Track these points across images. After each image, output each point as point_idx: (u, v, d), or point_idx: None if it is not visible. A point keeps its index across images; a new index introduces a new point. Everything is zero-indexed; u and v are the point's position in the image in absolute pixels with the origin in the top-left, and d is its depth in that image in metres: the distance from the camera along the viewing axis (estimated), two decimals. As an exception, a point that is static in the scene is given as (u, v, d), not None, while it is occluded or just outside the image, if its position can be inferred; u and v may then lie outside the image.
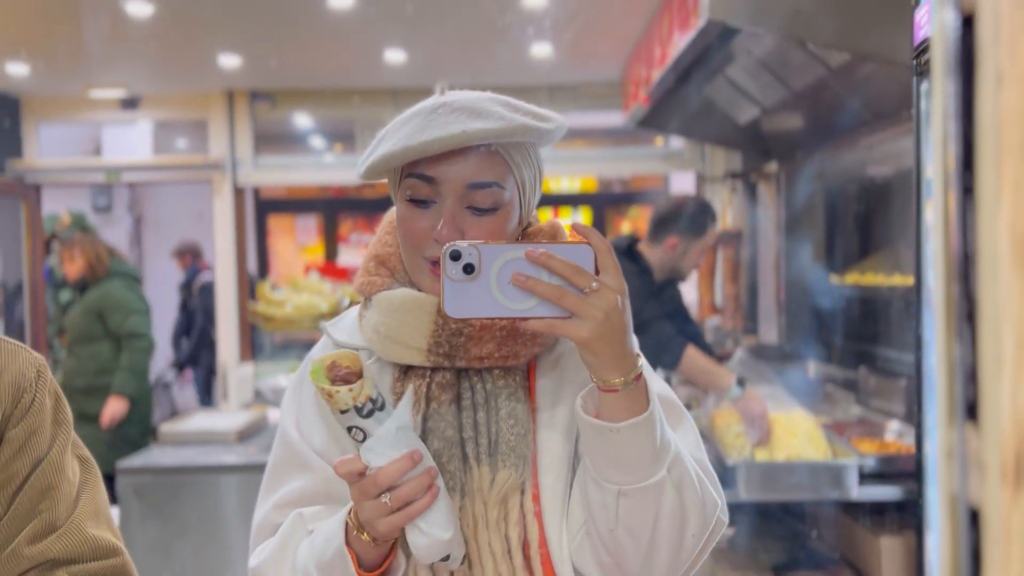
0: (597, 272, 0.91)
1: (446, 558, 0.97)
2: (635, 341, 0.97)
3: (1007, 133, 0.44)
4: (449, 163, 1.01)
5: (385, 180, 1.11)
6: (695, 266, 3.10)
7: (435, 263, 1.02)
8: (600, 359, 0.91)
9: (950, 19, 0.46)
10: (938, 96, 0.47)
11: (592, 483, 0.98)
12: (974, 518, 0.48)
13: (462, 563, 1.00)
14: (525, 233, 1.11)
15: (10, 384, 1.00)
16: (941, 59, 0.47)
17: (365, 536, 0.97)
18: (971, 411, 0.48)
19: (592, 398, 0.97)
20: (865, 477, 2.40)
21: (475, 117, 1.00)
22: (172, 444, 3.14)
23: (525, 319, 0.91)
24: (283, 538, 1.08)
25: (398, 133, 1.02)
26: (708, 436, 2.60)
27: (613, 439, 0.93)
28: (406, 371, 1.07)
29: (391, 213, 1.16)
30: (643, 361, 0.96)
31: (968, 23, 0.46)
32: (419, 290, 1.08)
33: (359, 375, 0.95)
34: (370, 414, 0.95)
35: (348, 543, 0.99)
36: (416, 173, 1.02)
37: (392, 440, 0.94)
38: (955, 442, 0.48)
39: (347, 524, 0.99)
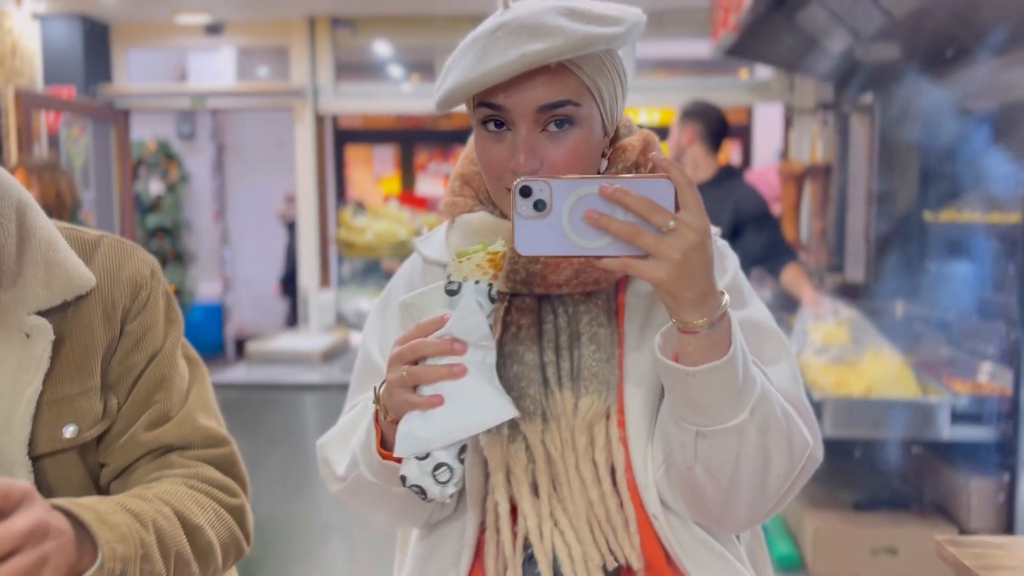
0: (677, 208, 0.85)
1: (424, 457, 0.92)
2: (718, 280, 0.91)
3: None
4: (515, 88, 0.96)
5: (463, 107, 1.07)
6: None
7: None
8: (678, 301, 0.86)
9: None
10: None
11: (671, 421, 0.96)
12: None
13: (445, 490, 0.94)
14: (613, 148, 1.06)
15: (128, 281, 1.04)
16: None
17: (381, 408, 0.97)
18: None
19: (671, 337, 0.93)
20: (956, 417, 2.33)
21: (534, 37, 0.93)
22: (259, 363, 3.24)
23: (599, 257, 0.87)
24: (348, 421, 1.11)
25: (461, 62, 0.98)
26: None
27: (690, 382, 0.90)
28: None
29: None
30: (728, 298, 0.90)
31: None
32: (502, 213, 1.06)
33: (475, 262, 0.93)
34: (450, 294, 0.94)
35: (375, 419, 1.00)
36: (485, 102, 0.98)
37: (455, 318, 0.92)
38: None
39: (374, 399, 1.00)
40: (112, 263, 1.04)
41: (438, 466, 0.93)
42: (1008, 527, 2.07)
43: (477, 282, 0.93)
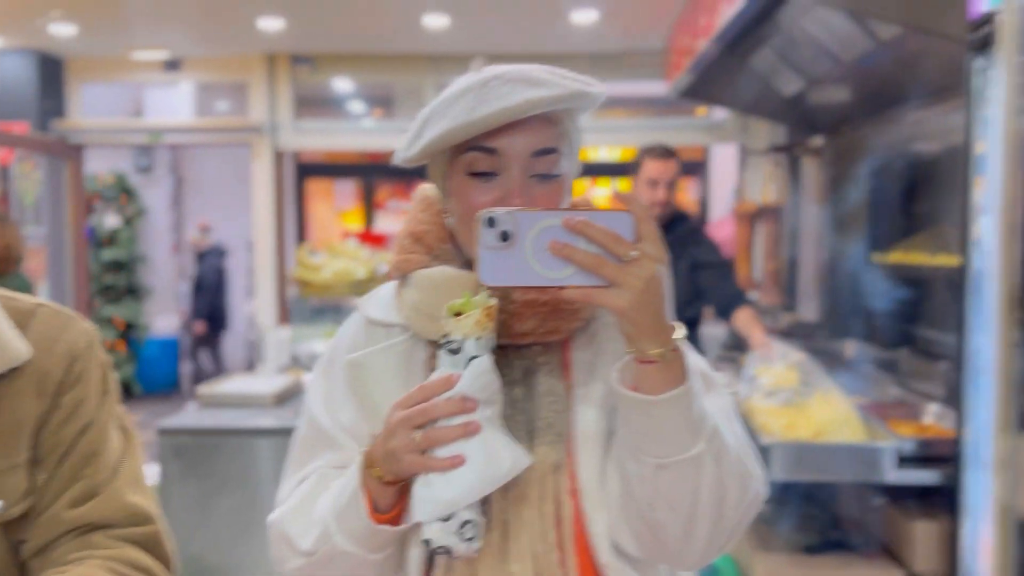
0: (637, 240, 0.89)
1: (447, 519, 0.94)
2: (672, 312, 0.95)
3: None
4: (511, 133, 1.00)
5: (424, 163, 1.09)
6: (653, 201, 3.29)
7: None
8: (638, 329, 0.89)
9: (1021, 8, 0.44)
10: (1001, 89, 0.45)
11: (630, 457, 0.96)
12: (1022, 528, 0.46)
13: (472, 546, 0.95)
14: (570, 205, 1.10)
15: (64, 353, 1.02)
16: (1009, 50, 0.45)
17: (376, 471, 0.97)
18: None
19: (628, 370, 0.95)
20: (902, 460, 2.37)
21: (532, 86, 0.99)
22: (211, 406, 3.19)
23: (562, 288, 0.89)
24: (305, 493, 1.08)
25: (452, 110, 1.01)
26: (744, 418, 2.58)
27: (651, 412, 0.92)
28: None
29: (424, 190, 1.15)
30: (681, 332, 0.93)
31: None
32: (466, 264, 1.08)
33: (474, 318, 0.95)
34: (452, 352, 0.95)
35: (364, 484, 0.99)
36: (477, 146, 1.01)
37: (468, 377, 0.93)
38: (1009, 452, 0.46)
39: (362, 463, 0.99)
40: (48, 334, 1.02)
41: (464, 523, 0.94)
42: (952, 570, 2.09)
43: (479, 339, 0.95)
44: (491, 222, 0.88)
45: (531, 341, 1.04)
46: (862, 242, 3.98)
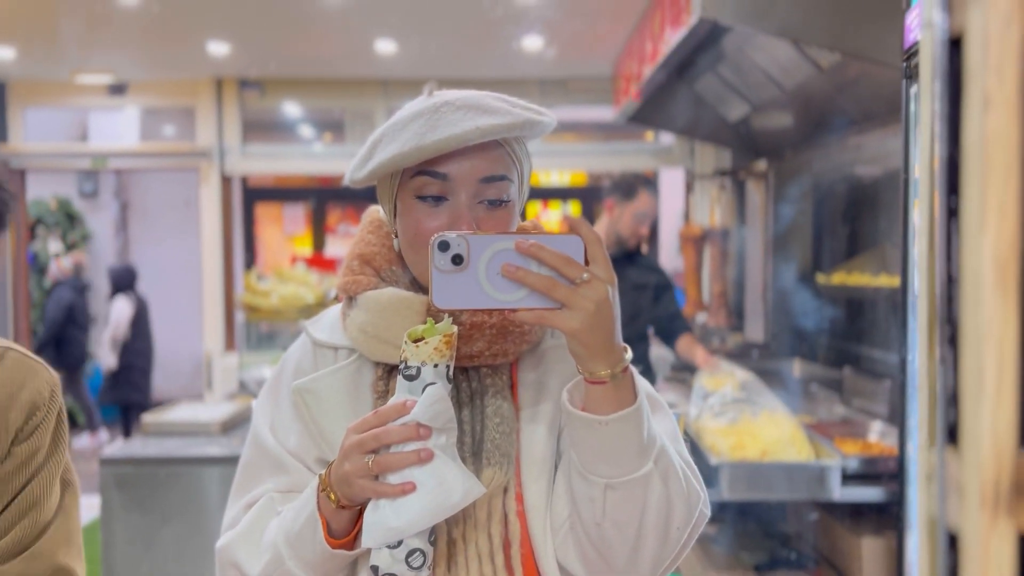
0: (587, 263, 0.90)
1: (396, 546, 0.93)
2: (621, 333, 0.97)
3: (993, 157, 0.43)
4: (461, 159, 1.01)
5: (372, 184, 1.09)
6: (635, 234, 3.30)
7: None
8: (589, 350, 0.90)
9: (939, 40, 0.46)
10: (925, 118, 0.47)
11: (578, 477, 0.97)
12: (953, 541, 0.47)
13: (424, 572, 0.96)
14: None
15: (27, 402, 1.02)
16: (928, 80, 0.46)
17: (332, 497, 0.96)
18: (952, 435, 0.47)
19: (579, 391, 0.96)
20: (847, 478, 2.40)
21: (482, 113, 1.00)
22: (155, 435, 3.12)
23: (514, 310, 0.90)
24: (253, 518, 1.07)
25: (403, 134, 1.01)
26: (692, 439, 2.60)
27: (601, 432, 0.93)
28: (390, 370, 1.06)
29: (372, 212, 1.15)
30: (629, 354, 0.95)
31: (956, 44, 0.46)
32: (414, 286, 1.08)
33: (432, 345, 0.95)
34: (408, 379, 0.95)
35: (319, 507, 0.98)
36: (427, 171, 1.02)
37: (423, 404, 0.93)
38: (935, 465, 0.47)
39: (318, 487, 0.98)
40: (14, 380, 1.02)
41: (411, 552, 0.93)
42: (898, 586, 2.12)
43: (436, 365, 0.94)
44: (444, 245, 0.89)
45: (479, 363, 1.05)
46: (806, 263, 4.06)
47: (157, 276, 8.75)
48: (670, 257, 6.66)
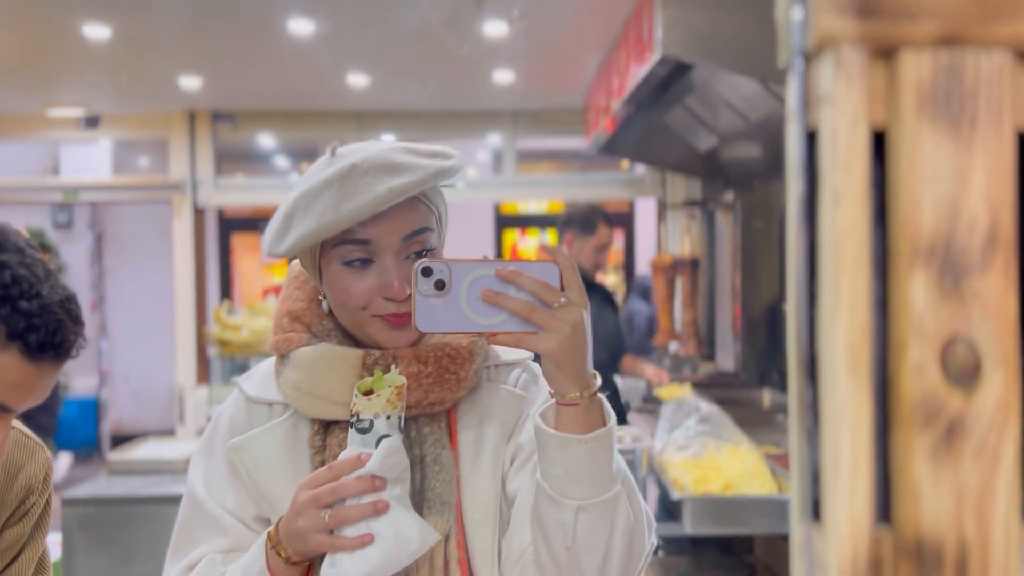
0: (562, 289, 0.94)
1: None
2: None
3: (843, 250, 0.45)
4: (380, 222, 1.03)
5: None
6: (596, 265, 3.35)
7: (390, 316, 1.04)
8: (564, 372, 0.93)
9: (797, 134, 0.48)
10: (792, 208, 0.49)
11: (548, 502, 0.97)
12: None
13: None
14: None
15: (23, 485, 1.02)
16: (793, 174, 0.49)
17: (282, 553, 0.97)
18: (816, 511, 0.49)
19: (551, 414, 0.98)
20: (809, 510, 2.42)
21: (392, 173, 1.01)
22: (121, 473, 3.10)
23: (494, 334, 0.94)
24: None
25: (316, 205, 1.01)
26: (656, 473, 2.61)
27: (577, 451, 0.95)
28: (326, 425, 1.06)
29: (296, 267, 1.15)
30: (598, 380, 0.98)
31: (813, 139, 0.48)
32: (346, 340, 1.09)
33: (384, 397, 0.97)
34: (362, 432, 0.97)
35: (268, 565, 0.99)
36: (348, 240, 1.03)
37: (379, 456, 0.95)
38: (804, 540, 0.49)
39: (266, 544, 0.99)
40: (13, 463, 1.01)
41: None
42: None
43: (388, 417, 0.96)
44: (427, 271, 0.92)
45: (416, 413, 1.06)
46: (773, 293, 4.10)
47: (132, 307, 8.70)
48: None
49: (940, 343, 0.46)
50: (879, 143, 0.47)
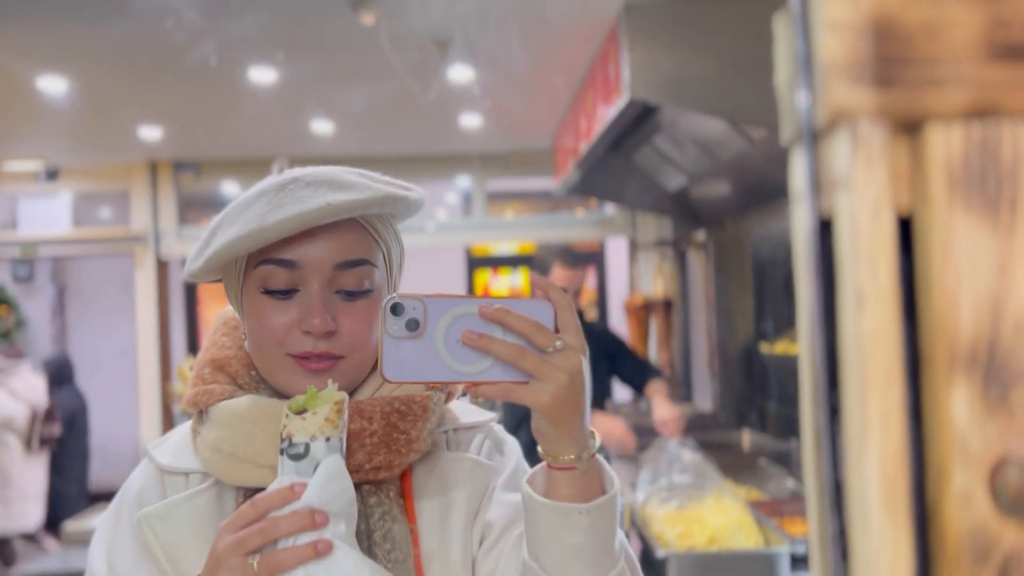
0: (557, 330, 0.80)
1: None
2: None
3: (871, 361, 0.38)
4: (311, 242, 0.89)
5: (218, 279, 0.97)
6: None
7: (303, 357, 0.90)
8: (559, 429, 0.79)
9: (809, 226, 0.41)
10: (803, 309, 0.42)
11: None
12: None
13: None
14: None
15: None
16: (803, 271, 0.42)
17: None
18: (851, 664, 0.41)
19: (540, 479, 0.84)
20: (798, 561, 2.34)
21: (335, 189, 0.88)
22: (78, 544, 2.95)
23: (477, 384, 0.79)
24: None
25: (243, 216, 0.89)
26: (639, 527, 2.53)
27: (577, 524, 0.81)
28: (253, 494, 0.89)
29: (226, 312, 1.03)
30: (597, 440, 0.85)
31: (828, 227, 0.41)
32: (276, 393, 0.95)
33: (323, 415, 0.82)
34: (295, 458, 0.81)
35: None
36: (271, 259, 0.89)
37: (318, 484, 0.81)
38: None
39: None
40: None
41: None
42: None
43: (328, 439, 0.82)
44: (397, 308, 0.79)
45: (358, 480, 0.89)
46: (749, 333, 4.06)
47: (95, 361, 8.49)
48: (619, 327, 6.65)
49: (988, 466, 0.39)
50: (904, 230, 0.40)
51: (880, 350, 0.38)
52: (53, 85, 3.73)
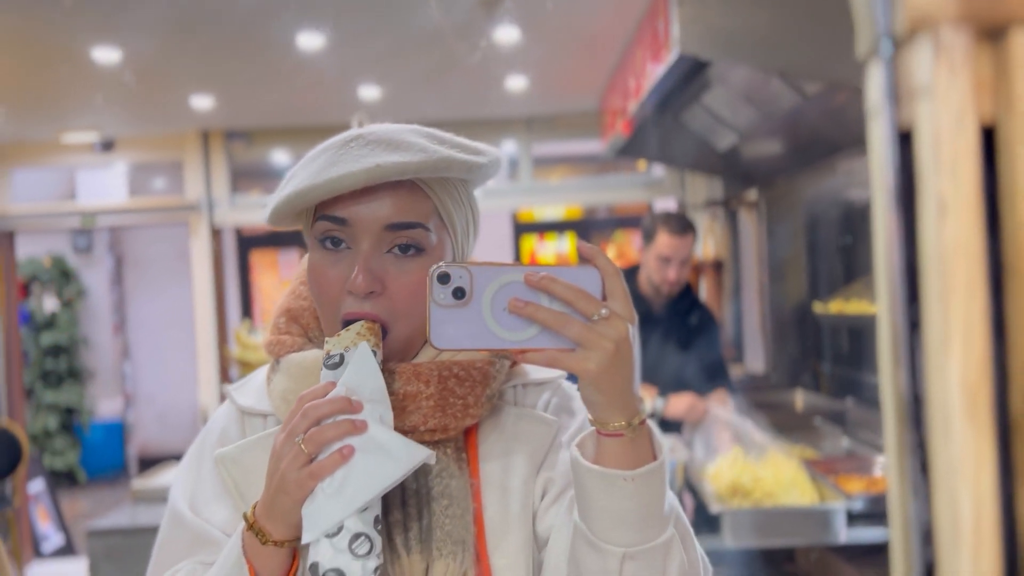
0: (604, 298, 0.81)
1: (336, 534, 0.83)
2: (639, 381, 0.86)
3: (953, 270, 0.38)
4: (363, 202, 0.90)
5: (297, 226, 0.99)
6: (665, 280, 3.00)
7: (345, 318, 0.92)
8: (606, 396, 0.80)
9: (886, 137, 0.41)
10: (880, 219, 0.42)
11: (588, 548, 0.84)
12: None
13: (368, 565, 0.83)
14: None
15: None
16: (880, 184, 0.41)
17: (261, 532, 0.85)
18: (930, 573, 0.42)
19: (589, 445, 0.85)
20: (854, 518, 2.33)
21: (392, 150, 0.89)
22: (145, 501, 3.05)
23: (523, 351, 0.80)
24: None
25: (306, 170, 0.91)
26: (693, 485, 2.53)
27: (623, 490, 0.82)
28: None
29: (307, 260, 1.02)
30: (646, 405, 0.86)
31: (906, 139, 0.41)
32: None
33: (355, 331, 0.89)
34: (332, 367, 0.88)
35: (245, 550, 0.87)
36: (327, 215, 0.91)
37: (349, 373, 0.87)
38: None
39: (244, 528, 0.87)
40: None
41: (355, 537, 0.83)
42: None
43: (327, 357, 0.88)
44: (444, 278, 0.80)
45: (414, 440, 0.91)
46: (802, 292, 4.01)
47: (154, 329, 8.70)
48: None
49: (1073, 376, 0.39)
50: (987, 140, 0.40)
51: (962, 259, 0.38)
52: (107, 56, 3.79)
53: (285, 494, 0.84)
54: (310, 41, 3.75)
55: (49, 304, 8.18)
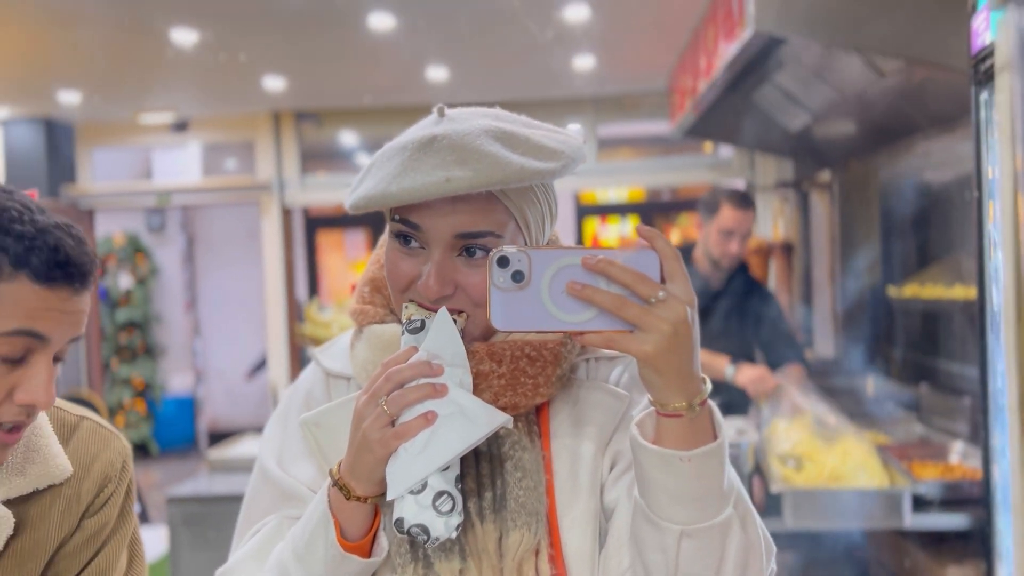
0: (663, 281, 0.81)
1: (421, 491, 0.86)
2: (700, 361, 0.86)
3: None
4: (436, 211, 0.90)
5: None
6: (726, 253, 3.05)
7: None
8: (664, 378, 0.80)
9: (1017, 40, 0.40)
10: (1004, 118, 0.41)
11: (647, 524, 0.85)
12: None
13: (450, 522, 0.86)
14: None
15: (99, 474, 1.00)
16: (1007, 79, 0.41)
17: (346, 488, 0.88)
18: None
19: (649, 424, 0.86)
20: (925, 504, 2.29)
21: (462, 161, 0.87)
22: (221, 471, 3.15)
23: (581, 333, 0.81)
24: (260, 540, 0.98)
25: (383, 170, 0.92)
26: (760, 465, 2.51)
27: (680, 470, 0.82)
28: None
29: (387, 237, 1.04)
30: (709, 385, 0.85)
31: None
32: None
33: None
34: (413, 332, 0.91)
35: (331, 505, 0.90)
36: (402, 218, 0.92)
37: (430, 338, 0.89)
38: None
39: (330, 484, 0.90)
40: (88, 452, 1.00)
41: (439, 495, 0.86)
42: (987, 619, 2.01)
43: (408, 322, 0.91)
44: (503, 261, 0.81)
45: None
46: (875, 275, 3.93)
47: (224, 306, 8.92)
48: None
49: None
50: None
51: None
52: (184, 37, 3.88)
53: (369, 452, 0.87)
54: (381, 22, 3.79)
55: (124, 281, 8.44)
